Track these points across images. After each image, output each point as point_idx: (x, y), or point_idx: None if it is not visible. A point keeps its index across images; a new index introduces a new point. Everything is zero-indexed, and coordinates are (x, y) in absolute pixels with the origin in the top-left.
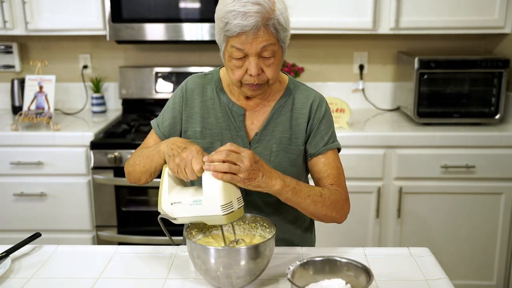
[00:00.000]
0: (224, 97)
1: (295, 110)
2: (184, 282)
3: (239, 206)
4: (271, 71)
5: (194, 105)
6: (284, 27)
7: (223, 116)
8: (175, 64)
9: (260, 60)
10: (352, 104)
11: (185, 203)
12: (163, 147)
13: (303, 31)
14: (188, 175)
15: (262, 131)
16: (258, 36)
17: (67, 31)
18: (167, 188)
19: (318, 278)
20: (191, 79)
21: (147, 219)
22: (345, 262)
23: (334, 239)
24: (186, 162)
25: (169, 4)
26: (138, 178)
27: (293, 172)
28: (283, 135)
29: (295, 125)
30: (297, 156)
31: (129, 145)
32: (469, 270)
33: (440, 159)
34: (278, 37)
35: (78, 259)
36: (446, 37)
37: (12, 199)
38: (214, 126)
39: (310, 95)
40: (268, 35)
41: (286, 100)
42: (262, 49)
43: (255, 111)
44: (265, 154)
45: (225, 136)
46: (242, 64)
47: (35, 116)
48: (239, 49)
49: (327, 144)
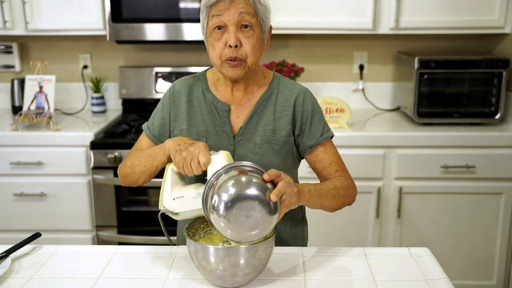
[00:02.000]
0: (210, 95)
1: (279, 103)
2: (184, 282)
3: None
4: (250, 45)
5: (180, 105)
6: (261, 3)
7: (208, 114)
8: (175, 64)
9: (239, 31)
10: (352, 104)
11: (188, 196)
12: (169, 144)
13: (303, 31)
14: (193, 169)
15: (247, 125)
16: (236, 3)
17: (67, 31)
18: (169, 185)
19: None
20: (178, 82)
21: (147, 219)
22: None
23: (334, 239)
24: (193, 156)
25: (169, 4)
26: (136, 180)
27: (277, 163)
28: (267, 127)
29: (279, 117)
30: (281, 147)
31: (129, 145)
32: (469, 270)
33: (440, 159)
34: (256, 9)
35: (78, 259)
36: (446, 37)
37: (12, 199)
38: (199, 124)
39: (294, 88)
40: (246, 4)
41: (270, 93)
42: (240, 17)
43: (240, 106)
44: (250, 147)
45: (210, 132)
46: (222, 36)
47: (35, 116)
48: (218, 16)
49: (323, 134)
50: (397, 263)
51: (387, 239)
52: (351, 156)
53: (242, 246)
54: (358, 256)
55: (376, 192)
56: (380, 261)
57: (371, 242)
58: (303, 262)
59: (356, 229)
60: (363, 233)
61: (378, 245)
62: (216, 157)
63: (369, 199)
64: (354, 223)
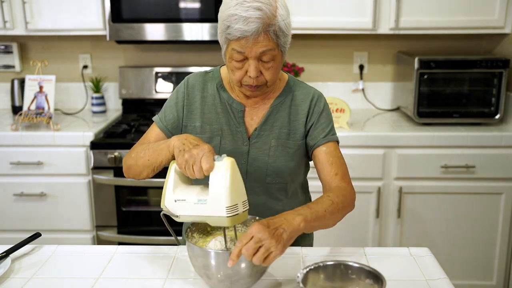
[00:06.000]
0: (225, 93)
1: (294, 106)
2: (184, 282)
3: (244, 210)
4: (270, 74)
5: (194, 101)
6: (284, 33)
7: (223, 112)
8: (175, 64)
9: (260, 63)
10: (352, 104)
11: (189, 201)
12: (175, 141)
13: (303, 31)
14: (196, 173)
15: (262, 127)
16: (258, 42)
17: (67, 31)
18: (172, 185)
19: (329, 283)
20: (192, 76)
21: (147, 219)
22: (357, 267)
23: (334, 239)
24: (196, 159)
25: (169, 4)
26: (138, 172)
27: (291, 167)
28: (282, 130)
29: (293, 120)
30: (295, 150)
31: (129, 145)
32: (469, 270)
33: (440, 159)
34: (278, 43)
35: (78, 259)
36: (446, 37)
37: (12, 199)
38: (214, 122)
39: (309, 92)
40: (268, 41)
41: (285, 97)
42: (262, 54)
43: (255, 108)
44: (264, 149)
45: (225, 132)
46: (242, 66)
47: (35, 116)
48: (239, 52)
49: (327, 136)
50: (397, 263)
51: (387, 239)
52: (351, 156)
53: None
54: (358, 256)
55: (376, 192)
56: (380, 261)
57: (371, 242)
58: (303, 262)
59: (356, 229)
60: (363, 233)
61: (378, 245)
62: (220, 164)
63: (369, 199)
64: (354, 223)
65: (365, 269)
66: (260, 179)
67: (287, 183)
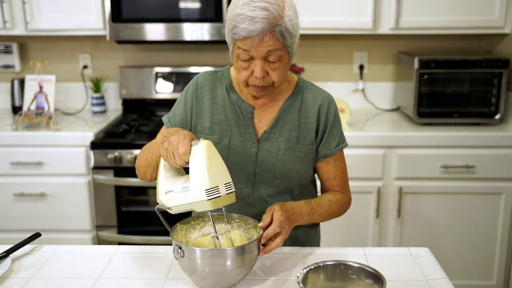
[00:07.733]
0: (234, 94)
1: (304, 109)
2: (184, 282)
3: (227, 192)
4: (276, 74)
5: (203, 101)
6: (291, 34)
7: (232, 113)
8: (175, 64)
9: (266, 63)
10: (352, 104)
11: (176, 190)
12: (159, 137)
13: (303, 31)
14: (176, 160)
15: (271, 129)
16: (264, 41)
17: (67, 31)
18: (163, 178)
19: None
20: (201, 76)
21: (147, 219)
22: (357, 267)
23: (334, 239)
24: (174, 146)
25: (169, 4)
26: (144, 173)
27: (299, 170)
28: (292, 133)
29: (303, 123)
30: (304, 155)
31: (129, 145)
32: (469, 270)
33: (440, 159)
34: (285, 43)
35: (78, 259)
36: (446, 37)
37: (12, 199)
38: (223, 123)
39: (319, 94)
40: (274, 41)
41: (294, 99)
42: (268, 54)
43: (263, 110)
44: (273, 152)
45: (234, 133)
46: (249, 66)
47: (35, 116)
48: (245, 51)
49: (338, 145)
50: (397, 263)
51: (387, 239)
52: (351, 156)
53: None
54: (358, 256)
55: (376, 192)
56: (380, 261)
57: (371, 242)
58: (303, 262)
59: (356, 229)
60: (363, 233)
61: (378, 245)
62: (196, 148)
63: (369, 199)
64: (354, 223)
65: (365, 269)
66: (268, 181)
67: (294, 186)
